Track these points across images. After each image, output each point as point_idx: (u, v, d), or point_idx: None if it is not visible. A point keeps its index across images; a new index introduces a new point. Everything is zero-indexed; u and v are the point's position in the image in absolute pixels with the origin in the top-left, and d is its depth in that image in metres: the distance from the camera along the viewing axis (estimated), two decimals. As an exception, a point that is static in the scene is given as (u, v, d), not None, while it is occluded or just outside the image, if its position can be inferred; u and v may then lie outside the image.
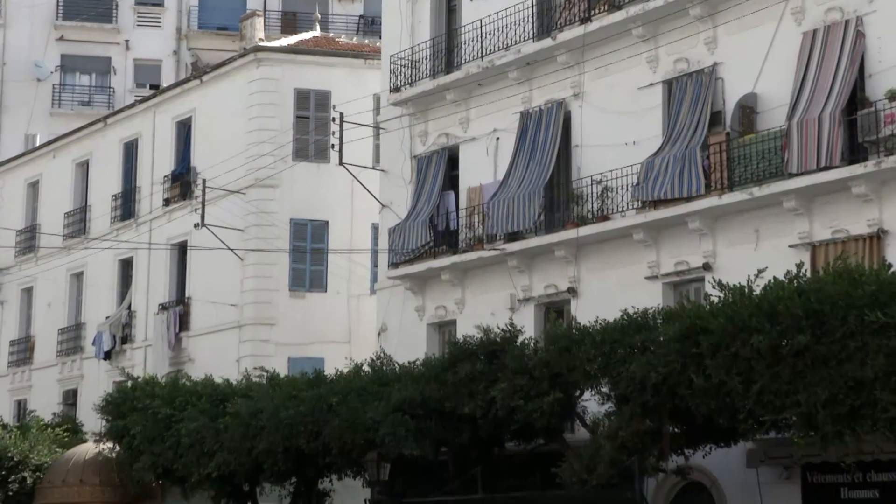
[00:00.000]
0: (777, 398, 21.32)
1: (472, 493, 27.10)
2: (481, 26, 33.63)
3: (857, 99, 26.18)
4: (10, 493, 36.82)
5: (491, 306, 32.34)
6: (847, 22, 26.44)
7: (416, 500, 28.83)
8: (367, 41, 47.50)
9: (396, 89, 35.88)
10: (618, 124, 30.49)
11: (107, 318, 47.14)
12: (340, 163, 37.34)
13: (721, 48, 28.88)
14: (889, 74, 25.84)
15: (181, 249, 44.58)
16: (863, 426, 20.76)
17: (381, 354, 31.60)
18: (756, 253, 27.02)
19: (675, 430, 24.79)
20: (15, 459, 37.33)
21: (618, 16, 30.28)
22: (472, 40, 34.01)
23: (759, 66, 27.92)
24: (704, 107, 28.67)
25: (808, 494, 26.56)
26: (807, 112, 26.31)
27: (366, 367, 30.39)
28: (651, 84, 30.24)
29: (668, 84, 29.96)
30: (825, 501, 26.42)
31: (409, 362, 29.90)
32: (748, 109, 28.02)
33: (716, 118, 28.65)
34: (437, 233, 34.13)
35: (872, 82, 26.19)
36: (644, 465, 24.61)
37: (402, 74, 35.82)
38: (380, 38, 40.05)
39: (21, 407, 50.62)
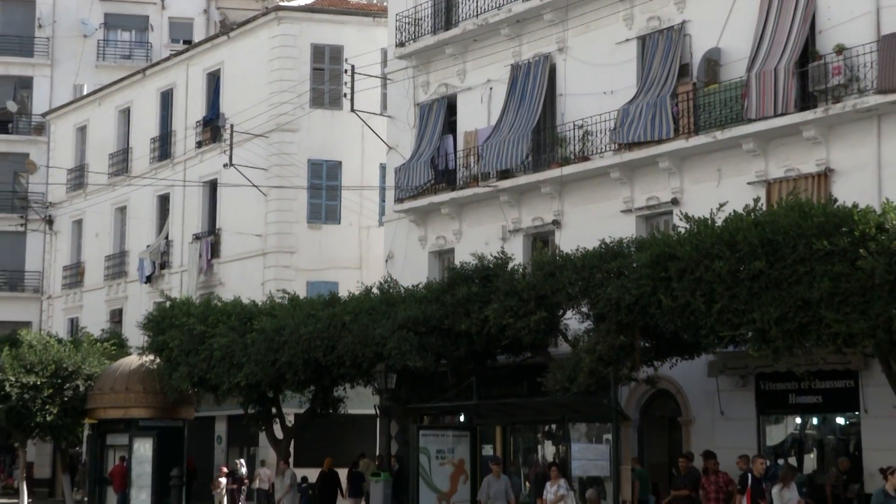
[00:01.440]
0: (735, 316, 21.35)
1: (468, 399, 27.07)
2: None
3: (808, 53, 26.09)
4: (66, 399, 36.96)
5: (485, 236, 32.35)
6: (801, -17, 26.33)
7: (418, 406, 28.87)
8: (375, 1, 47.05)
9: (401, 44, 35.73)
10: (597, 75, 30.36)
11: (147, 246, 47.19)
12: (352, 110, 37.27)
13: (689, 7, 28.73)
14: (837, 31, 25.73)
15: (212, 186, 44.55)
16: (809, 340, 20.87)
17: (388, 279, 31.52)
18: (718, 189, 26.96)
19: (646, 344, 24.88)
20: (69, 370, 37.42)
21: (597, -21, 30.19)
22: (469, 0, 33.78)
23: (722, 23, 27.78)
24: (673, 60, 28.56)
25: (761, 400, 26.74)
26: (764, 64, 26.20)
27: (375, 290, 30.37)
28: (626, 40, 30.08)
29: (642, 40, 29.81)
30: (776, 406, 26.60)
31: (412, 285, 29.88)
32: (712, 62, 27.91)
33: (684, 70, 28.56)
34: (437, 172, 34.07)
35: (822, 38, 26.06)
36: (618, 375, 24.61)
37: (407, 31, 35.64)
38: (387, -2, 39.84)
39: (74, 324, 50.72)
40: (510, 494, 21.09)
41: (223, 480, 30.99)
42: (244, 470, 35.95)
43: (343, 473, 34.37)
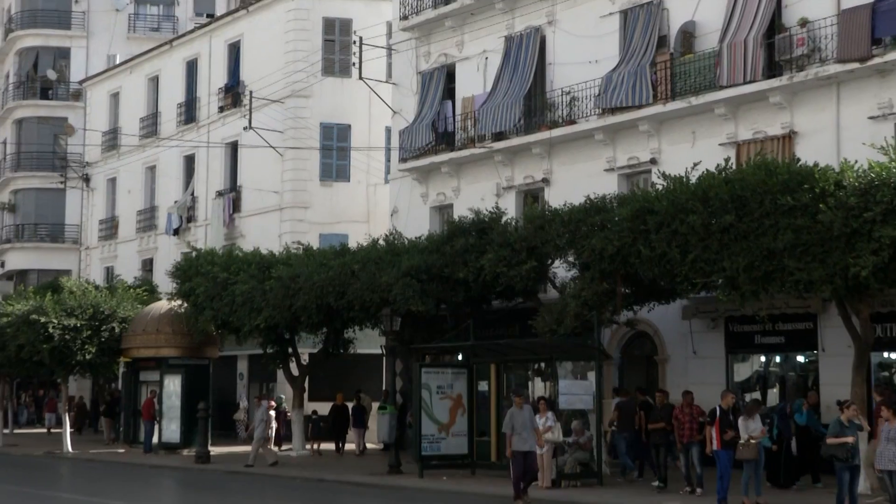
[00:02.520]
0: (707, 265, 21.38)
1: (465, 340, 27.09)
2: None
3: (775, 25, 26.01)
4: (103, 340, 37.02)
5: (480, 193, 32.28)
6: (769, -38, 26.17)
7: (420, 346, 28.90)
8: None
9: (405, 17, 35.49)
10: (583, 46, 30.20)
11: (175, 202, 47.07)
12: (360, 77, 37.08)
13: (666, -16, 28.64)
14: (801, 5, 25.63)
15: (233, 147, 44.38)
16: (773, 287, 20.91)
17: (393, 231, 31.56)
18: (692, 150, 26.95)
19: (626, 290, 24.88)
20: (106, 313, 37.45)
21: (583, -42, 30.03)
22: (466, -22, 33.64)
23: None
24: (653, 32, 28.42)
25: (729, 340, 26.86)
26: (735, 36, 26.10)
27: (381, 242, 30.32)
28: (610, 13, 29.90)
29: (624, 14, 29.63)
30: (743, 346, 26.73)
31: (415, 237, 29.89)
32: (688, 34, 27.81)
33: (662, 41, 28.43)
34: (437, 134, 33.94)
35: (788, 11, 25.98)
36: (601, 318, 24.70)
37: (410, 5, 35.38)
38: (391, -25, 39.54)
39: (109, 272, 50.72)
40: (535, 423, 21.08)
41: (272, 414, 31.04)
42: (285, 405, 36.02)
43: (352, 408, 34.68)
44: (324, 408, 35.75)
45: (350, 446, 34.68)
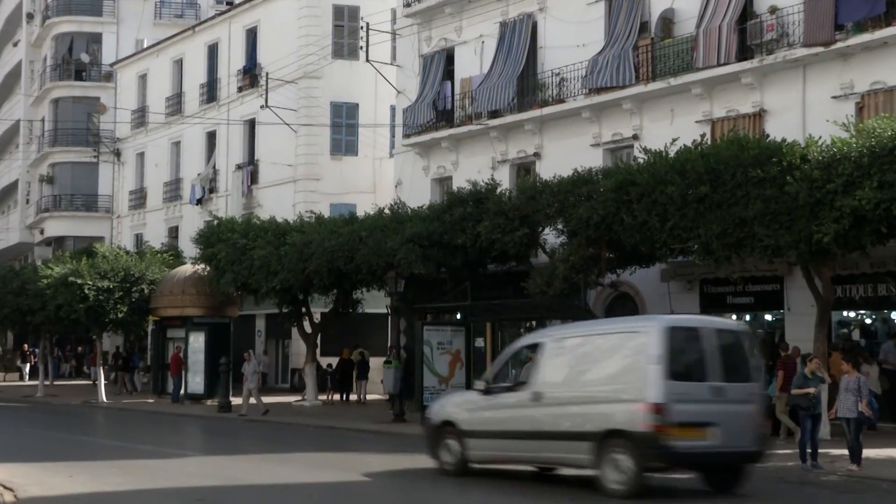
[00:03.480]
0: (684, 232, 21.41)
1: (463, 300, 27.20)
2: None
3: (747, 12, 25.90)
4: (133, 300, 37.23)
5: (477, 166, 32.20)
6: (742, -46, 26.08)
7: (422, 306, 29.00)
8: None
9: (408, 4, 35.42)
10: (572, 31, 30.09)
11: (198, 174, 47.07)
12: (367, 60, 36.93)
13: (648, -26, 28.51)
14: (773, -7, 25.58)
15: (251, 124, 44.31)
16: (744, 252, 20.98)
17: (397, 201, 31.53)
18: (671, 126, 26.90)
19: (610, 255, 24.91)
20: (136, 276, 37.60)
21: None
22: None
23: (675, -12, 27.60)
24: (635, 19, 28.33)
25: (703, 300, 26.91)
26: (710, 22, 26.01)
27: (386, 211, 30.34)
28: (596, 1, 29.81)
29: (609, 1, 29.52)
30: (716, 305, 26.74)
31: (417, 207, 29.87)
32: (667, 20, 27.73)
33: (644, 27, 28.36)
34: (437, 112, 33.89)
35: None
36: (587, 280, 24.75)
37: (413, -5, 35.30)
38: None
39: (138, 239, 50.73)
40: None
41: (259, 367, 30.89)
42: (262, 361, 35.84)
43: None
44: (335, 361, 35.99)
45: (353, 396, 35.12)
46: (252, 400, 30.06)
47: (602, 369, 14.72)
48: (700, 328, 14.60)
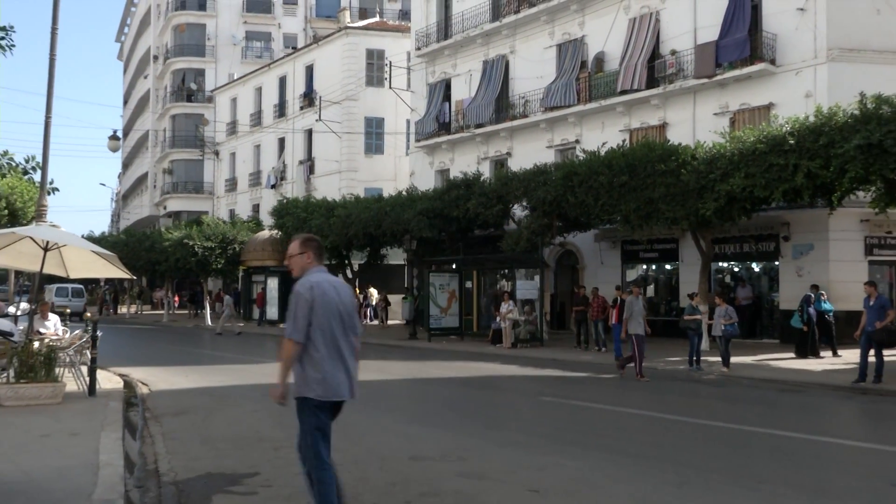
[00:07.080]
0: (610, 208, 21.45)
1: (458, 255, 27.24)
2: (462, 18, 32.73)
3: (655, 53, 25.75)
4: (229, 255, 37.34)
5: (467, 162, 32.22)
6: (651, 14, 25.80)
7: (430, 259, 29.04)
8: (403, 22, 46.12)
9: (419, 49, 35.12)
10: (533, 67, 29.95)
11: (272, 167, 46.94)
12: (390, 87, 36.96)
13: (586, 26, 28.36)
14: (672, 40, 25.52)
15: (309, 133, 44.15)
16: (652, 222, 20.99)
17: (412, 187, 31.49)
18: (602, 134, 26.86)
19: (559, 224, 24.94)
20: (230, 238, 37.65)
21: (531, 11, 29.59)
22: (456, 24, 33.13)
23: (605, 37, 27.41)
24: (577, 58, 28.16)
25: (624, 255, 26.96)
26: (629, 61, 25.89)
27: (403, 193, 30.32)
28: (550, 46, 29.63)
29: (559, 46, 29.34)
30: (632, 259, 26.84)
31: (425, 190, 29.84)
32: (600, 60, 27.56)
33: (584, 64, 28.20)
34: (439, 124, 33.78)
35: (664, 45, 25.81)
36: (543, 241, 24.77)
37: (422, 40, 35.01)
38: (410, 19, 39.07)
39: (232, 213, 50.73)
40: (644, 310, 16.11)
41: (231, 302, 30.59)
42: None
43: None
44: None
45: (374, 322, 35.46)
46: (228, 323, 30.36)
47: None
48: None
